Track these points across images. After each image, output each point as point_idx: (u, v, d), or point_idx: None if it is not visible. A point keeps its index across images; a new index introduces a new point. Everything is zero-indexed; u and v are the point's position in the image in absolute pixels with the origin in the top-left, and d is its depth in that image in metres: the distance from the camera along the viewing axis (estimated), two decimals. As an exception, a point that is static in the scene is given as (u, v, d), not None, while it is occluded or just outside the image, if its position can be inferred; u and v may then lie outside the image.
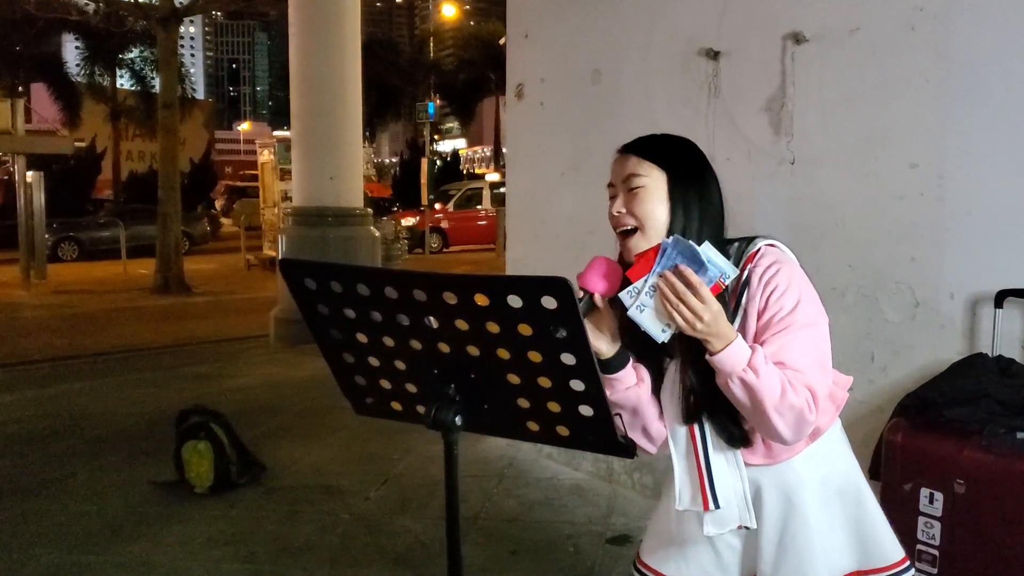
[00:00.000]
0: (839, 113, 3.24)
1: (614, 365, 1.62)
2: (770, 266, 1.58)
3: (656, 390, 1.70)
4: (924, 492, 2.56)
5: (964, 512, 2.48)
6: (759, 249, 1.62)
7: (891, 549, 1.72)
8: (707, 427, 1.63)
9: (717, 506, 1.62)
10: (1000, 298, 2.72)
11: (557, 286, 1.25)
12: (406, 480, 4.55)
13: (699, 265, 1.46)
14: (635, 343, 1.63)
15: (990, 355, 2.72)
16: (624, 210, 1.64)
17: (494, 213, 20.86)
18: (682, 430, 1.66)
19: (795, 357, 1.52)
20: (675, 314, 1.45)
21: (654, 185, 1.63)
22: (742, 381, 1.46)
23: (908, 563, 1.73)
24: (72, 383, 6.96)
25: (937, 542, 2.53)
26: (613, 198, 1.68)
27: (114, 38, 26.70)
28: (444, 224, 21.81)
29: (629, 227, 1.63)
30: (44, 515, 4.09)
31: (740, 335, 1.49)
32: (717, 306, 1.45)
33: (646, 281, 1.47)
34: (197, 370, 7.49)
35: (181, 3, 14.10)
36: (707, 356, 1.48)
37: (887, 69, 3.09)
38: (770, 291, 1.56)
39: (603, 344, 1.60)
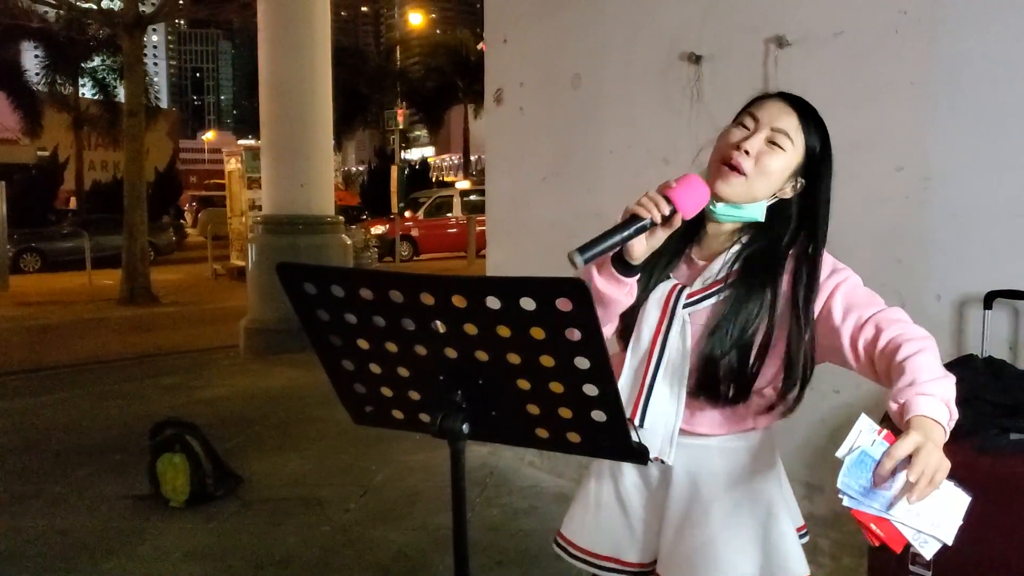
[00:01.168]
0: (823, 116, 3.23)
1: (633, 272, 1.56)
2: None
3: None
4: (917, 495, 2.54)
5: (958, 514, 2.47)
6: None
7: (797, 564, 1.68)
8: (667, 348, 1.62)
9: (642, 424, 1.62)
10: (989, 299, 2.73)
11: (573, 288, 1.21)
12: (386, 491, 4.49)
13: (867, 461, 1.26)
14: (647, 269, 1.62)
15: (979, 356, 2.72)
16: (753, 152, 1.58)
17: (465, 221, 20.81)
18: (645, 342, 1.64)
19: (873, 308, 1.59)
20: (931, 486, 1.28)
21: (792, 155, 1.61)
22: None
23: None
24: (38, 397, 6.81)
25: (931, 545, 2.52)
26: (742, 126, 1.61)
27: (76, 46, 26.35)
28: (414, 232, 21.70)
29: (743, 170, 1.57)
30: (14, 532, 3.98)
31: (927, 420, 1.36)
32: (922, 443, 1.27)
33: (892, 516, 1.26)
34: (167, 381, 7.36)
35: (145, 11, 13.93)
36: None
37: (871, 72, 3.10)
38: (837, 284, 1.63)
39: (640, 251, 1.52)
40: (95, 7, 15.01)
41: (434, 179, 39.86)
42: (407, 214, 21.66)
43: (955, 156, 2.89)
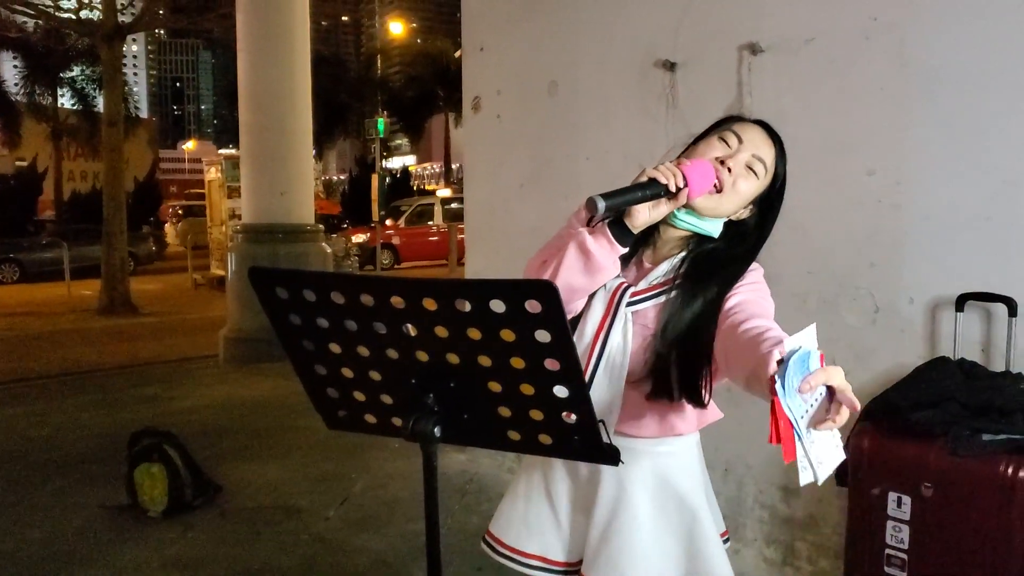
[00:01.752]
0: (796, 122, 3.25)
1: (628, 240, 1.59)
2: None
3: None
4: (892, 496, 2.57)
5: (932, 515, 2.50)
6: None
7: (722, 570, 1.70)
8: (608, 347, 1.65)
9: None
10: (961, 301, 2.76)
11: (542, 289, 1.22)
12: (365, 498, 4.47)
13: (807, 362, 1.23)
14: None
15: (952, 358, 2.75)
16: (734, 172, 1.62)
17: (446, 229, 20.79)
18: (588, 338, 1.66)
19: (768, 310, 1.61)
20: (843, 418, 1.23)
21: (762, 183, 1.66)
22: None
23: None
24: (16, 407, 6.75)
25: (906, 546, 2.55)
26: (724, 142, 1.65)
27: (55, 56, 26.19)
28: (395, 240, 21.67)
29: (716, 184, 1.61)
30: (-10, 543, 3.94)
31: None
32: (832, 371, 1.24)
33: (800, 440, 1.20)
34: (146, 391, 7.31)
35: (124, 20, 13.88)
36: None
37: (843, 78, 3.13)
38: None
39: (643, 219, 1.57)
40: (74, 17, 14.95)
41: (415, 187, 39.85)
42: (388, 222, 21.63)
43: (927, 160, 2.93)
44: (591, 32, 4.08)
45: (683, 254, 1.68)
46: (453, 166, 43.54)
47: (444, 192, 29.66)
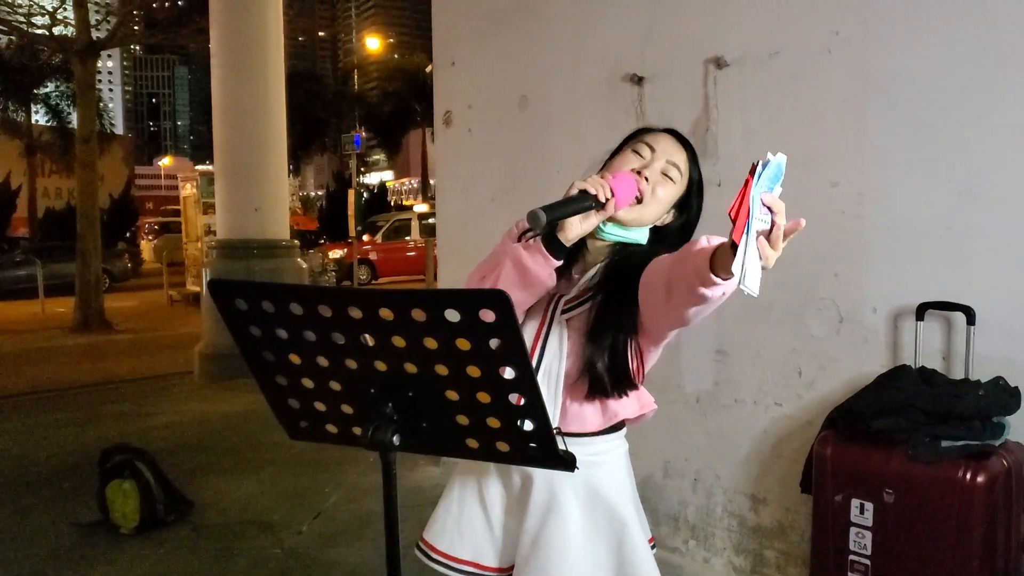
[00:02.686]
0: (761, 135, 3.32)
1: (562, 254, 1.62)
2: None
3: None
4: (854, 503, 2.61)
5: (893, 521, 2.53)
6: None
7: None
8: (545, 353, 1.68)
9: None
10: (921, 311, 2.80)
11: (495, 298, 1.24)
12: (339, 513, 4.46)
13: (779, 177, 1.28)
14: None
15: (913, 366, 2.80)
16: (651, 181, 1.68)
17: (423, 244, 20.78)
18: (527, 343, 1.67)
19: None
20: (772, 255, 1.25)
21: (678, 189, 1.73)
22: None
23: None
24: (-13, 425, 6.69)
25: (868, 551, 2.58)
26: (637, 154, 1.72)
27: (28, 72, 26.02)
28: (373, 256, 21.64)
29: (640, 196, 1.66)
30: (-42, 563, 3.91)
31: None
32: None
33: (747, 232, 1.21)
34: (120, 408, 7.26)
35: (98, 36, 13.82)
36: (720, 275, 1.32)
37: (806, 91, 3.18)
38: None
39: (575, 232, 1.60)
40: (47, 33, 14.87)
41: (393, 203, 39.82)
42: (365, 238, 21.59)
43: (888, 171, 2.98)
44: (561, 47, 4.12)
45: (605, 267, 1.73)
46: (431, 181, 43.55)
47: (421, 207, 29.66)
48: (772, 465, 3.31)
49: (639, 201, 1.66)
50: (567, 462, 1.42)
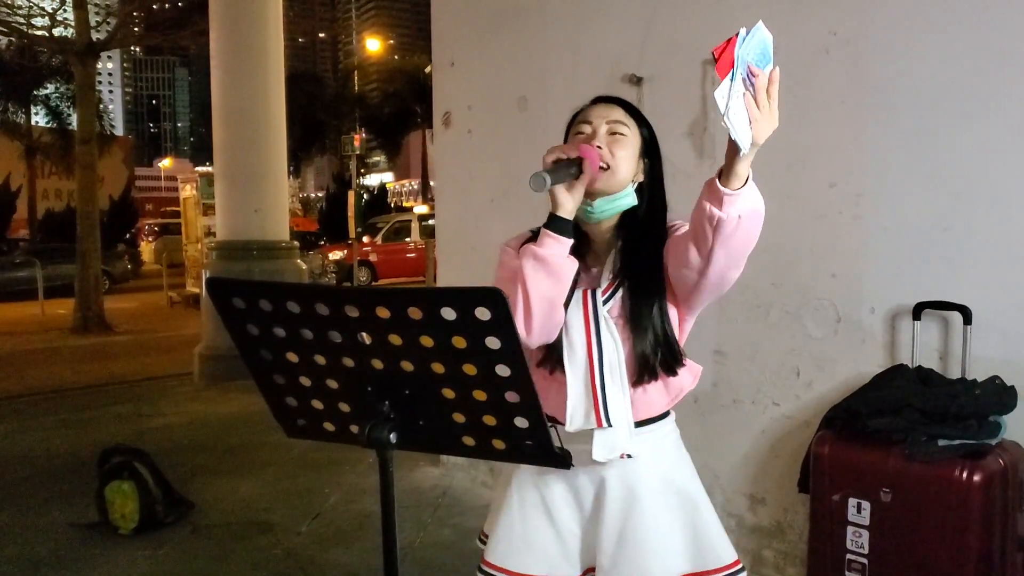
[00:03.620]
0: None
1: (569, 230, 1.65)
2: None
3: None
4: (852, 502, 2.61)
5: (891, 520, 2.54)
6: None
7: (724, 551, 1.77)
8: (604, 348, 1.70)
9: (609, 424, 1.69)
10: (918, 310, 2.81)
11: (491, 297, 1.25)
12: (338, 513, 4.47)
13: (768, 59, 1.42)
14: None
15: (910, 366, 2.80)
16: (604, 145, 1.72)
17: (423, 245, 20.78)
18: (581, 351, 1.71)
19: None
20: (762, 115, 1.44)
21: (633, 139, 1.77)
22: (753, 213, 1.55)
23: (740, 565, 1.79)
24: (-13, 427, 6.70)
25: (866, 551, 2.59)
26: (580, 134, 1.78)
27: (28, 73, 26.05)
28: (372, 257, 21.64)
29: (604, 165, 1.70)
30: (-42, 563, 3.91)
31: None
32: None
33: (732, 79, 1.39)
34: (119, 410, 7.27)
35: (98, 38, 13.84)
36: (727, 185, 1.52)
37: (803, 92, 3.18)
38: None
39: (570, 204, 1.64)
40: (47, 34, 14.89)
41: (393, 204, 39.83)
42: (365, 239, 21.60)
43: (886, 172, 2.98)
44: (559, 48, 4.13)
45: (622, 241, 1.77)
46: (431, 183, 43.56)
47: (421, 209, 29.67)
48: (770, 465, 3.32)
49: (605, 169, 1.70)
50: (562, 459, 1.43)
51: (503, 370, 1.33)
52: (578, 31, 4.04)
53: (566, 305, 1.71)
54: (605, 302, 1.73)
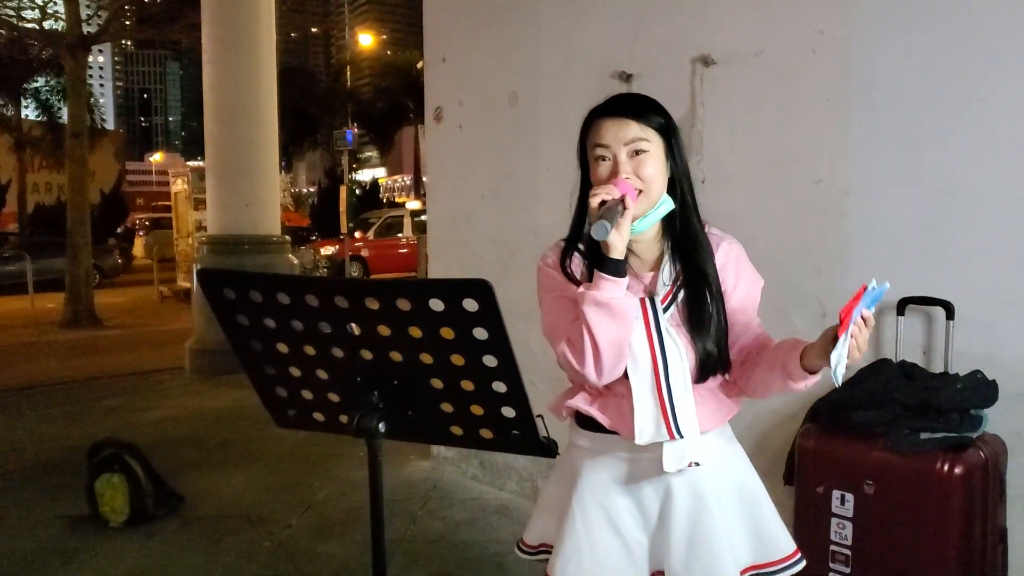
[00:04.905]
0: (747, 133, 3.35)
1: (622, 270, 1.62)
2: (730, 248, 1.82)
3: None
4: (836, 494, 2.65)
5: (874, 512, 2.58)
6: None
7: (784, 542, 1.81)
8: (668, 358, 1.69)
9: (680, 435, 1.67)
10: (902, 306, 2.85)
11: (478, 288, 1.28)
12: (328, 507, 4.49)
13: (875, 303, 1.60)
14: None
15: (894, 361, 2.84)
16: (631, 172, 1.68)
17: (415, 241, 20.79)
18: (645, 362, 1.69)
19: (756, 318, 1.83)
20: (857, 353, 1.56)
21: (656, 149, 1.71)
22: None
23: (799, 555, 1.82)
24: (-23, 420, 6.69)
25: (849, 542, 2.62)
26: (601, 159, 1.72)
27: (18, 66, 25.91)
28: (364, 252, 21.63)
29: (638, 187, 1.67)
30: (-52, 555, 3.92)
31: None
32: None
33: (846, 337, 1.54)
34: (110, 403, 7.27)
35: (89, 31, 13.80)
36: (803, 376, 1.66)
37: (791, 90, 3.22)
38: (737, 274, 1.80)
39: (621, 244, 1.61)
40: (37, 27, 14.84)
41: (385, 200, 39.82)
42: (357, 234, 21.61)
43: (871, 169, 3.02)
44: (550, 44, 4.16)
45: (670, 247, 1.77)
46: (423, 178, 43.55)
47: (414, 204, 29.66)
48: (757, 459, 3.30)
49: (640, 192, 1.68)
50: (548, 449, 1.46)
51: (490, 360, 1.36)
52: (569, 28, 4.06)
53: None
54: (665, 310, 1.72)
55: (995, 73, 2.73)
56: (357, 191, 33.60)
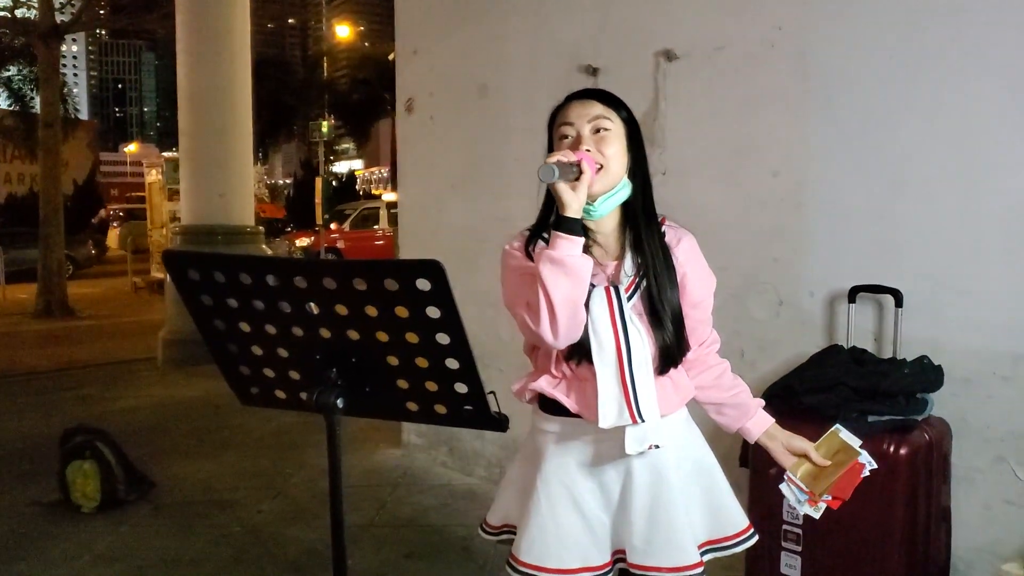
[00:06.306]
0: (707, 126, 3.44)
1: (578, 229, 1.64)
2: (691, 246, 1.88)
3: None
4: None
5: (823, 492, 2.66)
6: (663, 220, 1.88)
7: (738, 517, 1.90)
8: (632, 345, 1.73)
9: (642, 419, 1.72)
10: (853, 294, 2.94)
11: (430, 268, 1.34)
12: (298, 493, 4.55)
13: None
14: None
15: (845, 346, 2.94)
16: (593, 146, 1.74)
17: (391, 232, 20.78)
18: (610, 348, 1.73)
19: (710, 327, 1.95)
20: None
21: (617, 131, 1.77)
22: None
23: (752, 530, 1.91)
24: (-53, 409, 6.68)
25: (800, 521, 2.71)
26: (565, 138, 1.78)
27: (-10, 55, 25.63)
28: (340, 244, 21.60)
29: (599, 165, 1.72)
30: (-81, 540, 3.95)
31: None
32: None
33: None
34: (82, 393, 7.28)
35: (63, 20, 13.70)
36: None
37: (750, 84, 3.31)
38: (696, 272, 1.87)
39: (576, 204, 1.63)
40: (9, 16, 14.71)
41: (362, 192, 39.70)
42: (333, 226, 21.58)
43: (826, 162, 3.11)
44: (519, 38, 4.23)
45: (631, 238, 1.81)
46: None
47: (390, 196, 29.58)
48: (715, 443, 3.39)
49: (600, 168, 1.73)
50: (500, 423, 1.53)
51: (443, 338, 1.43)
52: (537, 22, 4.13)
53: (587, 304, 1.72)
54: (629, 298, 1.77)
55: (944, 72, 2.83)
56: (333, 183, 33.48)
